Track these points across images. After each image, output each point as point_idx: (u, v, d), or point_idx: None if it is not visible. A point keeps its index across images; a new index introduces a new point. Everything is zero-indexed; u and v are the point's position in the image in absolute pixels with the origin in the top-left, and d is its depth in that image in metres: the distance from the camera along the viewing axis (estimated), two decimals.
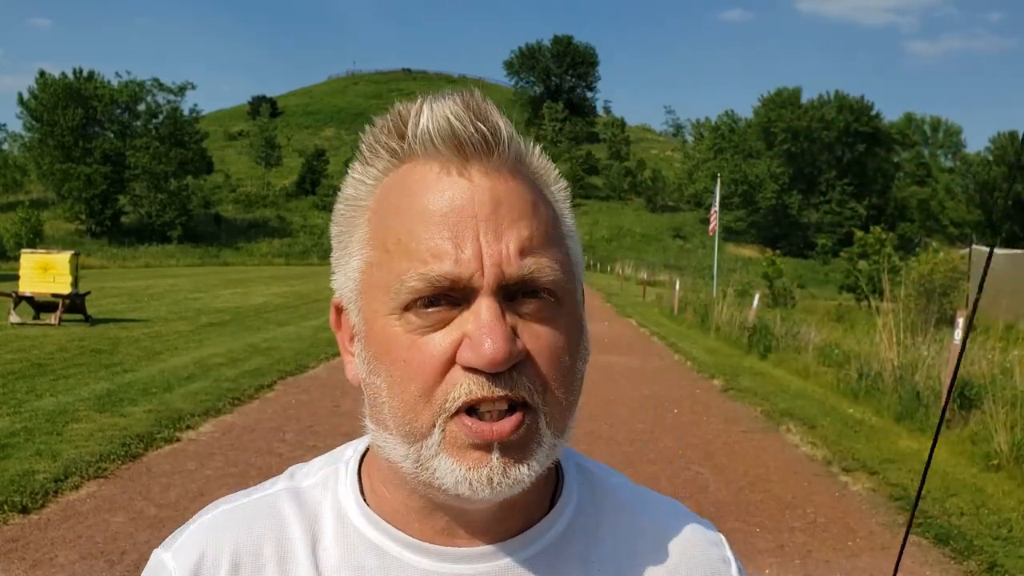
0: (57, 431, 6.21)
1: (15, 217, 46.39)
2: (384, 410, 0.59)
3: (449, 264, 0.55)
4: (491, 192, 0.57)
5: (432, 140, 0.58)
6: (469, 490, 0.56)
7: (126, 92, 58.76)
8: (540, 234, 0.58)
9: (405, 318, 0.57)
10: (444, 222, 0.56)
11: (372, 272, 0.59)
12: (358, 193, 0.62)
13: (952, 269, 17.75)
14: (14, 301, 13.29)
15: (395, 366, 0.57)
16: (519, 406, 0.56)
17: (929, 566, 4.34)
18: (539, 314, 0.58)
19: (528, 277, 0.57)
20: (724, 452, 6.64)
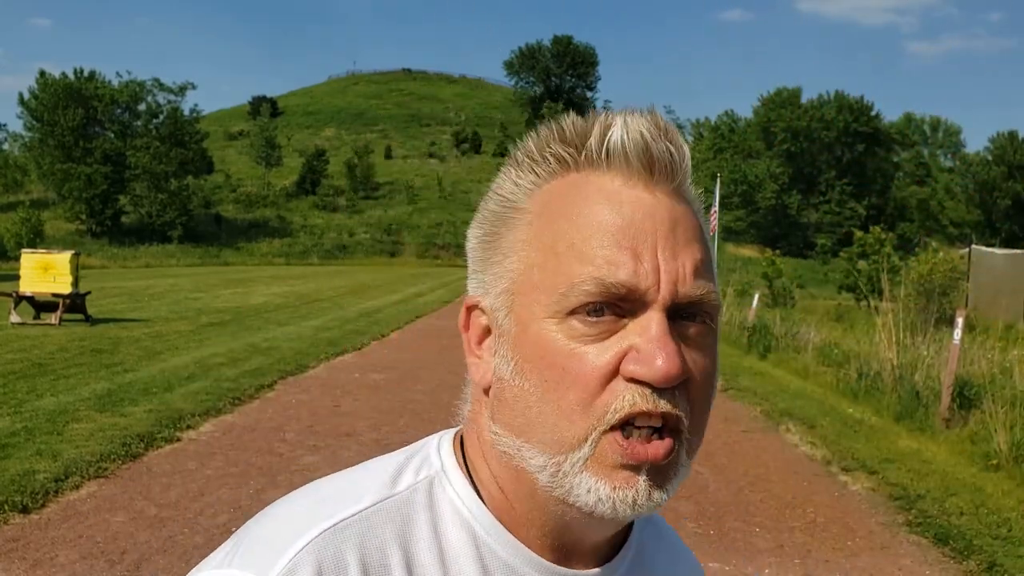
0: (57, 431, 6.22)
1: (15, 217, 46.39)
2: (530, 415, 0.57)
3: (627, 273, 0.55)
4: (671, 211, 0.59)
5: (625, 153, 0.59)
6: (611, 510, 0.56)
7: (126, 92, 58.76)
8: (707, 260, 0.60)
9: (568, 323, 0.56)
10: (624, 233, 0.57)
11: (533, 273, 0.59)
12: (515, 196, 0.62)
13: (951, 269, 17.77)
14: (14, 301, 13.29)
15: (551, 371, 0.56)
16: (669, 430, 0.56)
17: (929, 566, 4.35)
18: (699, 339, 0.58)
19: (698, 299, 0.57)
20: (724, 452, 6.65)
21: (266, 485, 5.19)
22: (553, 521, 0.61)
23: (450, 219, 72.01)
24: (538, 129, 0.63)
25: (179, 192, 57.71)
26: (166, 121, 59.21)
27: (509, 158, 0.64)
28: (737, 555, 4.37)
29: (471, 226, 0.66)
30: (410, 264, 57.50)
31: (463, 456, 0.65)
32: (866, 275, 24.10)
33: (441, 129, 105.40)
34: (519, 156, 0.63)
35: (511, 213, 0.62)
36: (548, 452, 0.57)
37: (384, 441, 6.41)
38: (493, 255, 0.62)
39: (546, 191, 0.61)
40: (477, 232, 0.65)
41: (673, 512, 5.02)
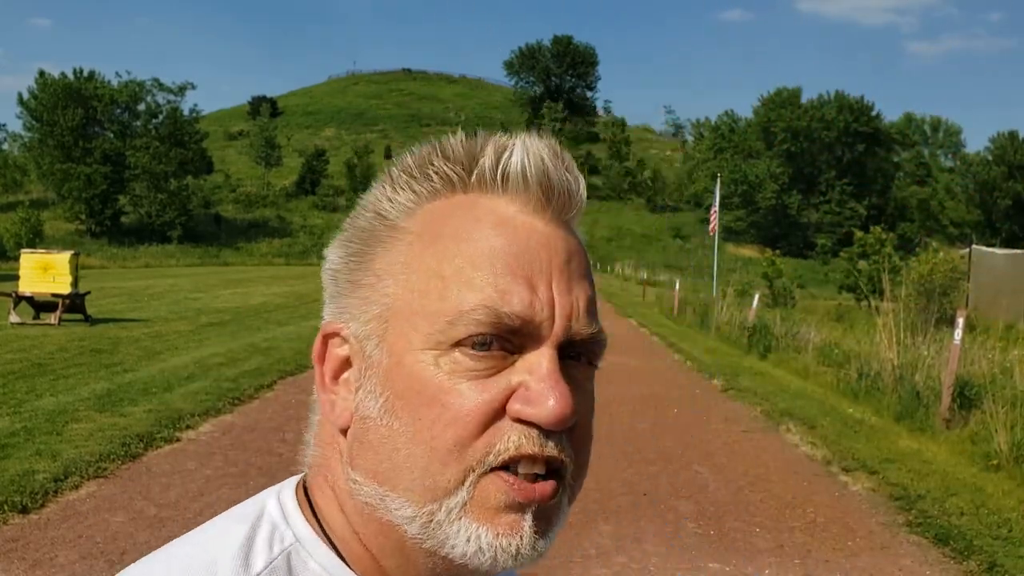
0: (57, 431, 6.21)
1: (15, 217, 46.40)
2: (398, 459, 0.51)
3: (522, 304, 0.51)
4: (566, 243, 0.55)
5: (524, 178, 0.54)
6: (491, 561, 0.51)
7: (126, 92, 58.76)
8: (594, 298, 0.57)
9: (450, 356, 0.51)
10: (519, 261, 0.52)
11: (413, 299, 0.53)
12: (390, 214, 0.56)
13: (952, 269, 17.77)
14: (14, 301, 13.29)
15: (428, 408, 0.51)
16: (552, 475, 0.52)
17: (929, 566, 4.34)
18: (584, 382, 0.55)
19: (590, 336, 0.54)
20: (724, 452, 6.64)
21: (266, 485, 5.12)
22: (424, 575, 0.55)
23: None
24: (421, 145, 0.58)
25: (179, 192, 57.70)
26: (166, 121, 59.20)
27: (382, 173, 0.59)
28: (737, 555, 4.37)
29: (332, 245, 0.59)
30: None
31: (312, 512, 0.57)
32: (866, 275, 24.10)
33: (441, 129, 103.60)
34: (394, 173, 0.58)
35: (386, 232, 0.56)
36: (419, 501, 0.51)
37: None
38: (363, 277, 0.56)
39: (428, 211, 0.55)
40: (341, 252, 0.58)
41: (673, 512, 5.02)
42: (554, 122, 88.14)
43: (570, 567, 4.10)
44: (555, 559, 4.19)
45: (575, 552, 4.30)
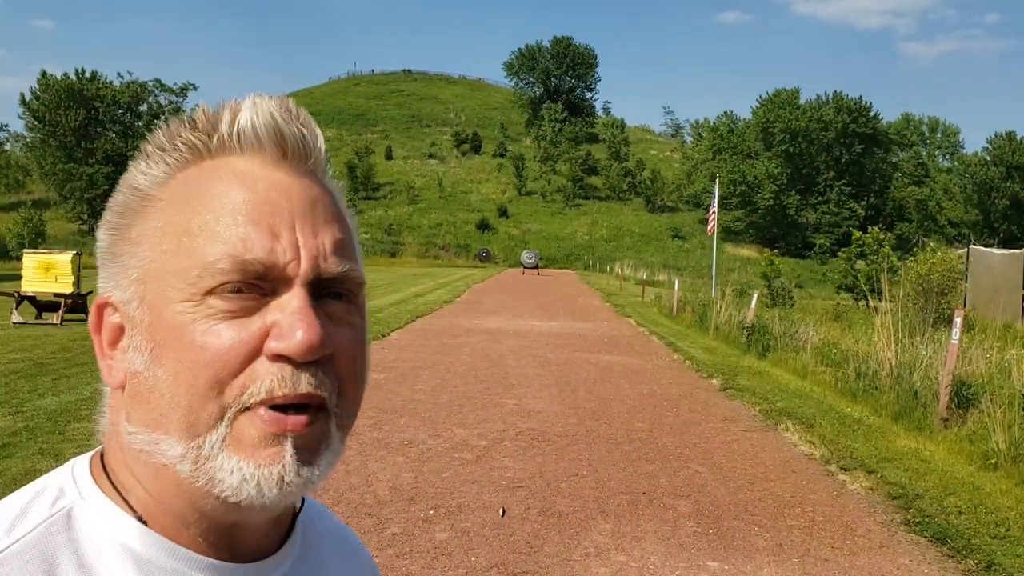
0: (59, 430, 6.24)
1: (17, 217, 46.31)
2: (163, 403, 0.54)
3: (263, 250, 0.55)
4: (308, 190, 0.59)
5: (256, 135, 0.58)
6: (256, 491, 0.53)
7: (128, 92, 58.78)
8: (348, 240, 0.60)
9: (205, 303, 0.54)
10: (260, 210, 0.56)
11: (166, 259, 0.56)
12: (144, 186, 0.59)
13: (950, 269, 17.76)
14: (16, 301, 13.31)
15: (188, 352, 0.53)
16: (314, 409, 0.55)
17: (927, 565, 4.37)
18: (343, 316, 0.58)
19: (341, 275, 0.57)
20: (722, 451, 6.67)
21: None
22: (205, 517, 0.57)
23: (450, 219, 72.01)
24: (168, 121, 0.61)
25: None
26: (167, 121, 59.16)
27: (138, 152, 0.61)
28: (736, 554, 4.40)
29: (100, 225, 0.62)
30: (410, 264, 57.51)
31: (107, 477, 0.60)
32: (864, 275, 24.10)
33: (441, 130, 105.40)
34: (148, 148, 0.60)
35: (141, 203, 0.59)
36: (184, 438, 0.54)
37: (384, 440, 6.44)
38: (122, 247, 0.59)
39: (179, 179, 0.58)
40: (105, 229, 0.61)
41: (672, 511, 5.05)
42: (554, 123, 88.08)
43: (570, 566, 4.13)
44: (555, 558, 4.22)
45: (575, 551, 4.33)
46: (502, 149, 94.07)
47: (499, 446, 6.49)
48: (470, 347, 12.72)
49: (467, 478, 5.54)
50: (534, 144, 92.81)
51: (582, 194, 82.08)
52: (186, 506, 0.57)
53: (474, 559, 4.14)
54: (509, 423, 7.33)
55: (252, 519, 0.59)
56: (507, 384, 9.43)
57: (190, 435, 0.54)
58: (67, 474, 0.61)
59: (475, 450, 6.30)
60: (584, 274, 51.80)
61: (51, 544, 0.54)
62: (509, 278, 41.40)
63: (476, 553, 4.22)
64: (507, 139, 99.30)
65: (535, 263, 48.72)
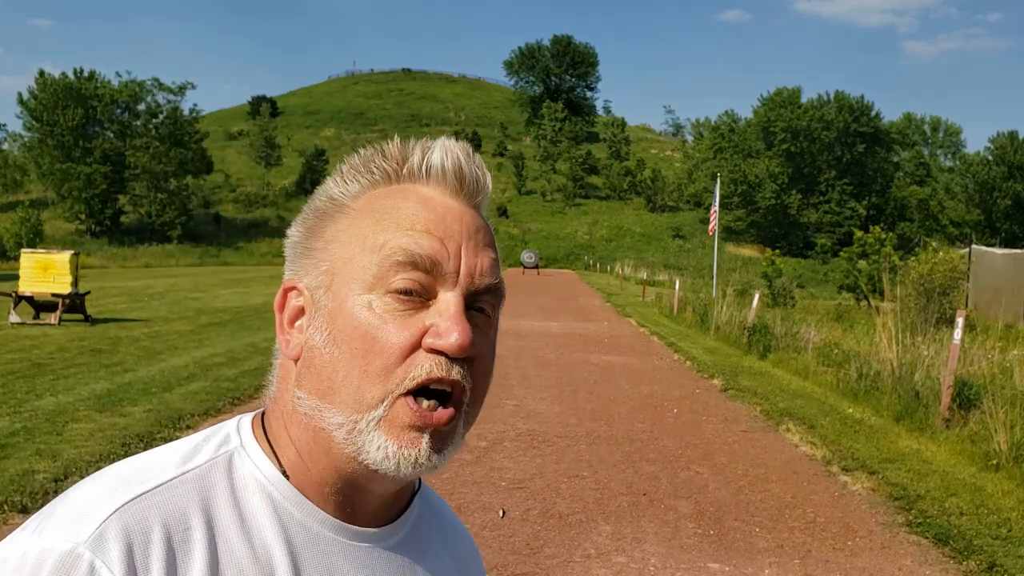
0: (57, 431, 6.21)
1: (15, 217, 46.34)
2: (336, 379, 0.65)
3: (433, 249, 0.66)
4: (475, 220, 0.70)
5: (443, 170, 0.70)
6: (394, 467, 0.64)
7: (126, 92, 58.73)
8: (497, 263, 0.71)
9: (381, 300, 0.65)
10: (436, 226, 0.67)
11: (353, 257, 0.67)
12: (340, 197, 0.71)
13: (952, 269, 17.72)
14: (14, 301, 13.29)
15: (363, 340, 0.65)
16: (453, 402, 0.66)
17: (929, 566, 4.34)
18: (484, 327, 0.69)
19: (492, 285, 0.69)
20: (724, 452, 6.64)
21: None
22: (343, 480, 0.68)
23: None
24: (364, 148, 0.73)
25: (178, 192, 57.69)
26: (166, 121, 59.16)
27: (335, 170, 0.74)
28: (737, 555, 4.37)
29: (294, 223, 0.74)
30: None
31: (264, 433, 0.71)
32: (866, 275, 24.10)
33: (441, 129, 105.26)
34: (343, 168, 0.73)
35: (336, 209, 0.71)
36: (347, 411, 0.65)
37: None
38: (315, 243, 0.71)
39: (369, 195, 0.70)
40: (300, 227, 0.73)
41: (673, 512, 5.02)
42: (554, 122, 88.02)
43: (570, 567, 4.10)
44: (555, 559, 4.19)
45: (575, 552, 4.30)
46: (502, 148, 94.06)
47: (499, 447, 6.46)
48: None
49: (467, 479, 5.52)
50: (534, 143, 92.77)
51: (582, 193, 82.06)
52: (330, 467, 0.68)
53: None
54: (509, 424, 7.30)
55: (380, 488, 0.70)
56: (507, 384, 9.41)
57: (353, 410, 0.65)
58: (233, 426, 0.72)
59: (475, 451, 6.27)
60: (584, 274, 51.77)
61: (213, 479, 0.66)
62: (509, 278, 41.38)
63: None
64: (507, 138, 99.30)
65: (535, 263, 48.71)
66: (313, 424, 0.67)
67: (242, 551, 0.64)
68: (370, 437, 0.64)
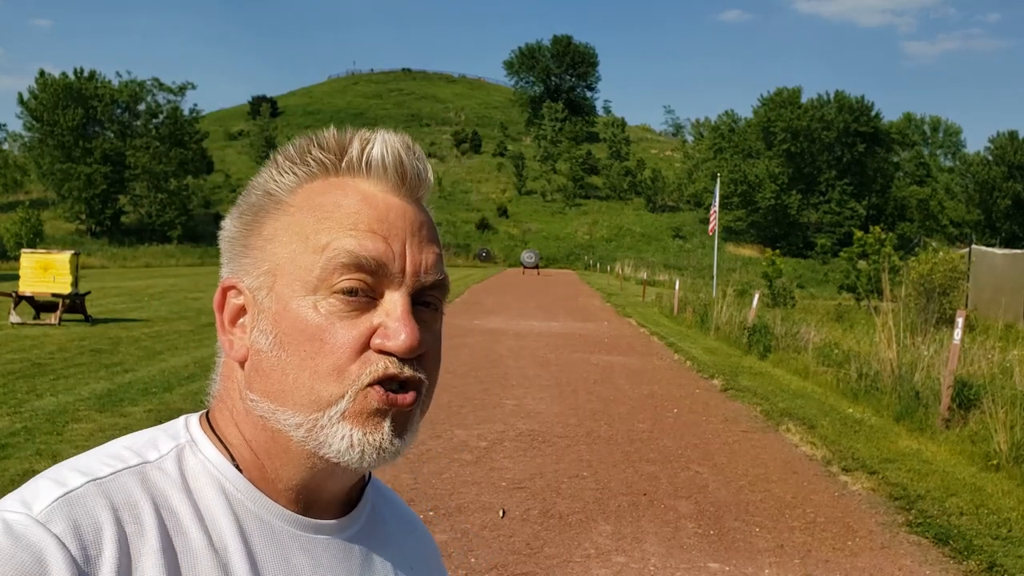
0: (57, 431, 6.22)
1: (15, 217, 46.29)
2: (287, 382, 0.65)
3: (378, 251, 0.65)
4: (418, 215, 0.70)
5: (383, 164, 0.69)
6: (358, 456, 0.65)
7: (126, 92, 58.71)
8: (441, 258, 0.71)
9: (325, 301, 0.64)
10: (379, 224, 0.66)
11: (294, 257, 0.66)
12: (276, 191, 0.69)
13: (952, 269, 17.73)
14: (14, 301, 13.29)
15: (310, 343, 0.64)
16: (413, 387, 0.66)
17: (929, 566, 4.35)
18: (431, 322, 0.69)
19: (437, 282, 0.69)
20: (723, 452, 6.65)
21: None
22: (301, 474, 0.68)
23: (450, 219, 71.97)
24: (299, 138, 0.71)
25: (179, 192, 57.66)
26: (166, 121, 59.14)
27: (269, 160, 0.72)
28: (737, 555, 4.37)
29: (228, 216, 0.72)
30: None
31: (211, 429, 0.71)
32: (866, 275, 24.10)
33: (441, 129, 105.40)
34: (279, 159, 0.71)
35: (273, 205, 0.69)
36: (305, 412, 0.64)
37: None
38: (254, 240, 0.69)
39: (307, 189, 0.68)
40: (236, 223, 0.71)
41: (673, 512, 5.02)
42: (554, 122, 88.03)
43: (570, 567, 4.11)
44: (555, 559, 4.19)
45: (575, 552, 4.31)
46: (502, 148, 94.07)
47: (499, 447, 6.46)
48: (470, 347, 12.69)
49: (467, 479, 5.52)
50: (534, 143, 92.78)
51: (582, 193, 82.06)
52: (288, 463, 0.68)
53: (474, 560, 4.12)
54: (509, 424, 7.31)
55: (339, 483, 0.70)
56: (507, 385, 9.41)
57: (312, 410, 0.64)
58: (181, 423, 0.72)
59: (475, 451, 6.27)
60: (584, 274, 51.78)
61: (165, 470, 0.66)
62: (509, 278, 41.39)
63: (476, 554, 4.20)
64: (507, 138, 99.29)
65: (535, 263, 48.72)
66: (270, 426, 0.67)
67: (196, 537, 0.63)
68: (334, 430, 0.64)
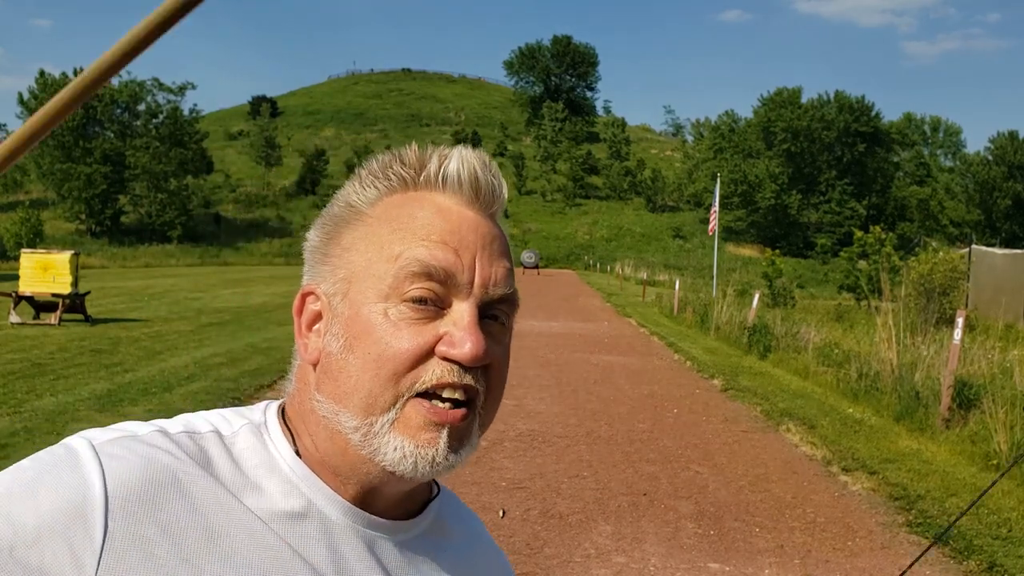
0: (57, 431, 6.21)
1: (15, 217, 46.33)
2: (350, 384, 0.67)
3: (447, 262, 0.67)
4: (490, 229, 0.71)
5: (459, 179, 0.70)
6: (412, 467, 0.65)
7: (126, 92, 58.75)
8: (512, 271, 0.72)
9: (396, 308, 0.66)
10: (452, 236, 0.68)
11: (369, 265, 0.68)
12: (357, 203, 0.71)
13: (952, 269, 17.73)
14: (14, 301, 13.28)
15: (376, 346, 0.66)
16: (466, 404, 0.67)
17: (929, 565, 4.34)
18: (498, 335, 0.70)
19: (506, 296, 0.70)
20: (724, 452, 6.64)
21: None
22: (357, 476, 0.69)
23: None
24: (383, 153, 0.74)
25: (179, 192, 57.69)
26: (166, 121, 59.18)
27: (352, 175, 0.74)
28: (737, 555, 4.37)
29: (312, 227, 0.75)
30: None
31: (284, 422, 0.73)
32: (866, 275, 24.09)
33: (441, 129, 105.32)
34: (362, 174, 0.73)
35: (354, 216, 0.71)
36: (362, 415, 0.66)
37: None
38: (333, 249, 0.71)
39: (386, 202, 0.71)
40: (319, 232, 0.73)
41: (673, 512, 5.02)
42: (554, 122, 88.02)
43: (570, 567, 4.11)
44: (555, 559, 4.19)
45: (575, 552, 4.31)
46: (502, 148, 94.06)
47: (499, 447, 6.46)
48: None
49: (466, 479, 5.52)
50: (534, 143, 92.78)
51: (582, 194, 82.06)
52: (346, 466, 0.69)
53: None
54: (509, 424, 7.30)
55: (395, 488, 0.70)
56: (507, 384, 9.39)
57: (366, 413, 0.66)
58: (261, 408, 0.75)
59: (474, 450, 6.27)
60: (584, 274, 51.78)
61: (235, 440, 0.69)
62: None
63: None
64: (507, 138, 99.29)
65: (535, 263, 48.72)
66: (331, 427, 0.68)
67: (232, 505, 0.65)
68: (386, 439, 0.65)
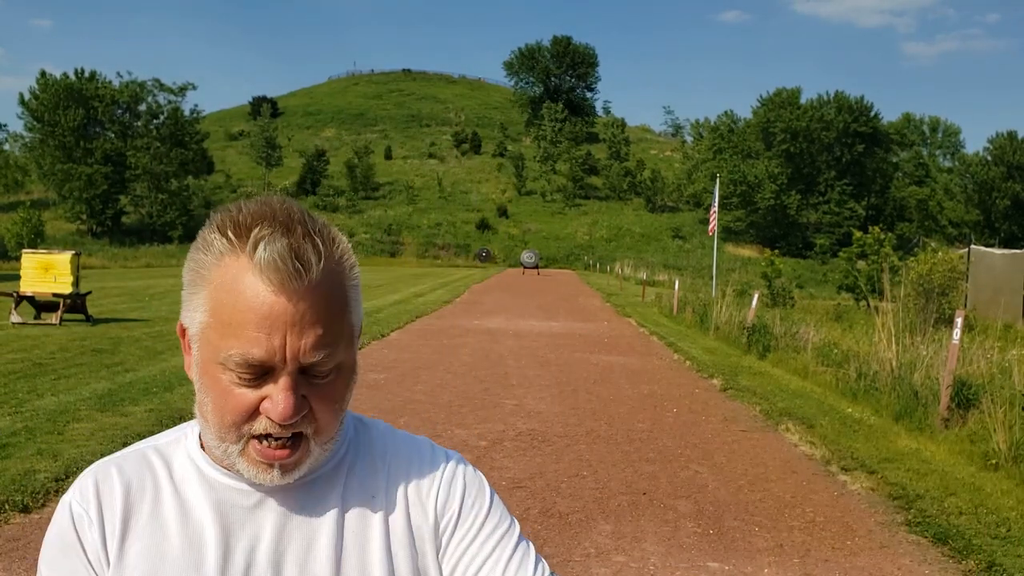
0: (58, 431, 6.22)
1: (16, 217, 46.26)
2: (207, 414, 0.87)
3: (261, 353, 0.81)
4: (298, 305, 0.82)
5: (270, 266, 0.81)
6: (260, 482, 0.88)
7: (127, 92, 58.76)
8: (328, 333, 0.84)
9: (229, 375, 0.83)
10: (264, 323, 0.82)
11: (209, 331, 0.84)
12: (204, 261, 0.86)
13: (951, 269, 17.74)
14: (15, 301, 13.29)
15: (219, 399, 0.85)
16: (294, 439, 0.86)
17: (928, 565, 4.36)
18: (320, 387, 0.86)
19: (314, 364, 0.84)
20: (723, 451, 6.66)
21: None
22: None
23: (450, 219, 71.99)
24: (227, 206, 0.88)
25: (179, 192, 57.71)
26: (166, 121, 59.21)
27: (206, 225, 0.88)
28: (736, 554, 4.38)
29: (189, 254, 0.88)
30: (410, 264, 57.50)
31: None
32: (865, 275, 24.11)
33: (441, 129, 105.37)
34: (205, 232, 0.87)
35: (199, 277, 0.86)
36: (218, 440, 0.87)
37: None
38: (191, 300, 0.87)
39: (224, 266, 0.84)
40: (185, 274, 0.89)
41: (672, 512, 5.03)
42: (554, 122, 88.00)
43: (570, 567, 4.12)
44: (555, 558, 4.20)
45: (575, 552, 4.32)
46: (502, 149, 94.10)
47: (499, 446, 6.47)
48: (470, 347, 12.71)
49: None
50: (534, 144, 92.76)
51: (582, 194, 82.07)
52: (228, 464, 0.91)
53: None
54: (509, 423, 7.32)
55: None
56: (507, 384, 9.42)
57: (220, 440, 0.87)
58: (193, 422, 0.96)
59: (475, 450, 6.28)
60: (584, 274, 51.78)
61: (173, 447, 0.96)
62: (509, 278, 41.39)
63: None
64: (507, 139, 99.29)
65: (535, 263, 48.73)
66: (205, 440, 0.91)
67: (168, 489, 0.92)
68: (237, 460, 0.87)
